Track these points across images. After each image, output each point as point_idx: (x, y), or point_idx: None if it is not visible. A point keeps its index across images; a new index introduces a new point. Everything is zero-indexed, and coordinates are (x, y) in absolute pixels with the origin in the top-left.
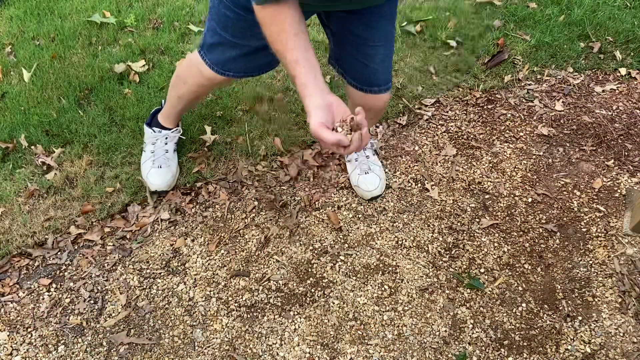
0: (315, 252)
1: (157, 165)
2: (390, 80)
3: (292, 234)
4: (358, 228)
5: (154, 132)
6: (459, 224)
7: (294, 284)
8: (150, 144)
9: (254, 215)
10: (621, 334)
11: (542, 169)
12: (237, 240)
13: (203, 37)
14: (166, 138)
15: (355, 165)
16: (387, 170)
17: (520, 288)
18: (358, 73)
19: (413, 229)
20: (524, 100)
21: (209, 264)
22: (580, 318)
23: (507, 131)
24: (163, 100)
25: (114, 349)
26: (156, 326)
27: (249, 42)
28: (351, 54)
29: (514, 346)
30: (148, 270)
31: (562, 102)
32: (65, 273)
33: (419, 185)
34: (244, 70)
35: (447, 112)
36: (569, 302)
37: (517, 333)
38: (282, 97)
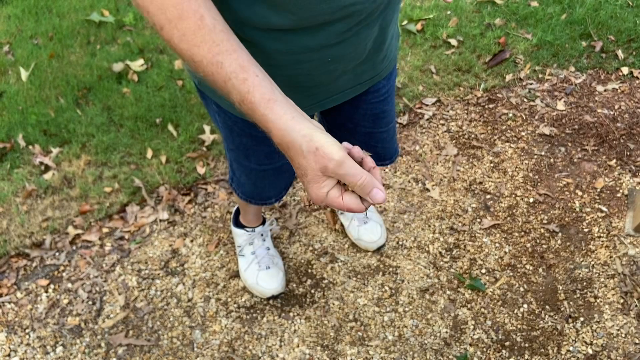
0: (315, 252)
1: (265, 266)
2: (398, 147)
3: (292, 234)
4: None
5: (247, 231)
6: (460, 224)
7: (294, 285)
8: (248, 245)
9: None
10: (623, 335)
11: (544, 169)
12: None
13: (229, 170)
14: (262, 235)
15: (350, 217)
16: (387, 170)
17: (521, 289)
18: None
19: (414, 229)
20: (525, 100)
21: (208, 264)
22: (582, 319)
23: (509, 131)
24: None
25: (112, 350)
26: (155, 327)
27: (279, 161)
28: (352, 143)
29: (516, 347)
30: (147, 271)
31: (564, 101)
32: (64, 274)
33: (420, 185)
34: (285, 187)
35: (448, 111)
36: (571, 303)
37: (518, 334)
38: None
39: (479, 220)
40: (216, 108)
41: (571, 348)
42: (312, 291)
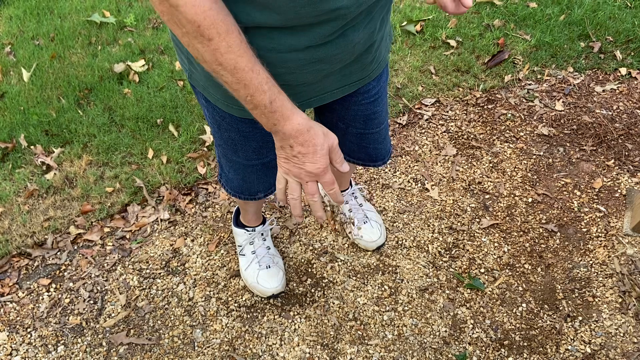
0: (315, 252)
1: (265, 265)
2: (391, 148)
3: (292, 233)
4: None
5: (248, 231)
6: (459, 224)
7: (294, 284)
8: (249, 245)
9: None
10: (621, 334)
11: (543, 169)
12: None
13: (218, 167)
14: (262, 234)
15: (350, 217)
16: (387, 170)
17: (520, 288)
18: (356, 154)
19: (413, 229)
20: (524, 100)
21: (208, 264)
22: (580, 318)
23: (508, 131)
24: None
25: (114, 349)
26: (156, 326)
27: (267, 157)
28: (344, 143)
29: (514, 346)
30: (148, 271)
31: (563, 102)
32: (65, 273)
33: (419, 185)
34: (274, 182)
35: (447, 111)
36: (569, 302)
37: (517, 333)
38: None
39: (477, 220)
40: (205, 103)
41: (570, 347)
42: (312, 290)
